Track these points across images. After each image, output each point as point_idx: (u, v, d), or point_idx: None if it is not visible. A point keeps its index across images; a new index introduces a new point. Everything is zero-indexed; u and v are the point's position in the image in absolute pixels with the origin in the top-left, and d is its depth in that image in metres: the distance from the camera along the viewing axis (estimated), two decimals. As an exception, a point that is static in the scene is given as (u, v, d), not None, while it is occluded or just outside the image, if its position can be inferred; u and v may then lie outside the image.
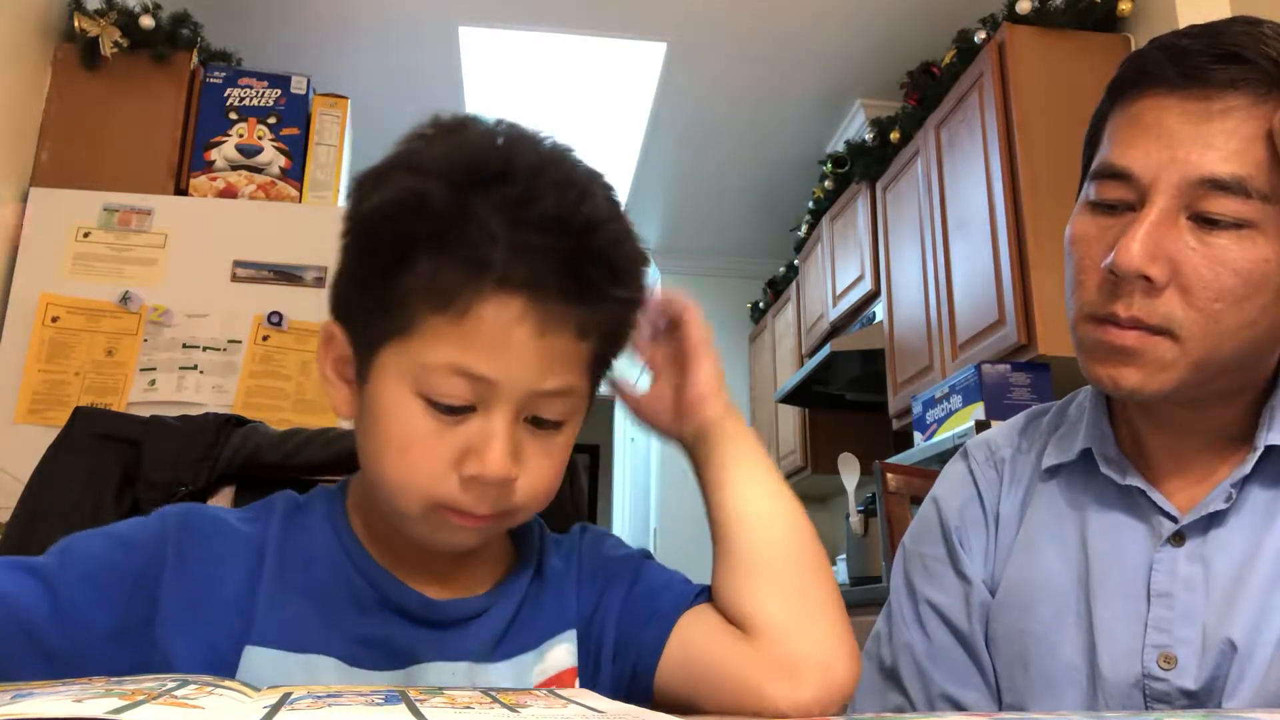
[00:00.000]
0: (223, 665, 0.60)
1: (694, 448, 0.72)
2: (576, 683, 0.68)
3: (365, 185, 0.62)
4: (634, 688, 0.66)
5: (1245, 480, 0.75)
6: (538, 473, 0.63)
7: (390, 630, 0.65)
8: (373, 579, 0.65)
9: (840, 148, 3.67)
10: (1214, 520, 0.75)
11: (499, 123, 0.64)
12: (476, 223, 0.58)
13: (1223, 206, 0.69)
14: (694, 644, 0.65)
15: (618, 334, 0.66)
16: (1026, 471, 0.87)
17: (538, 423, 0.62)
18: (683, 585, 0.71)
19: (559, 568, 0.72)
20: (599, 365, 0.66)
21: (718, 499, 0.69)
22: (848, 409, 3.86)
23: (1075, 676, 0.76)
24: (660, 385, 0.74)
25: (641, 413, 0.75)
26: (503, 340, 0.59)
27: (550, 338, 0.60)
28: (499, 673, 0.66)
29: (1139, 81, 0.74)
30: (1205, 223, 0.70)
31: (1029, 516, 0.85)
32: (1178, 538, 0.76)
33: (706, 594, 0.69)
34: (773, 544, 0.67)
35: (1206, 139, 0.70)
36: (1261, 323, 0.72)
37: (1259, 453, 0.75)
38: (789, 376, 3.96)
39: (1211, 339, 0.71)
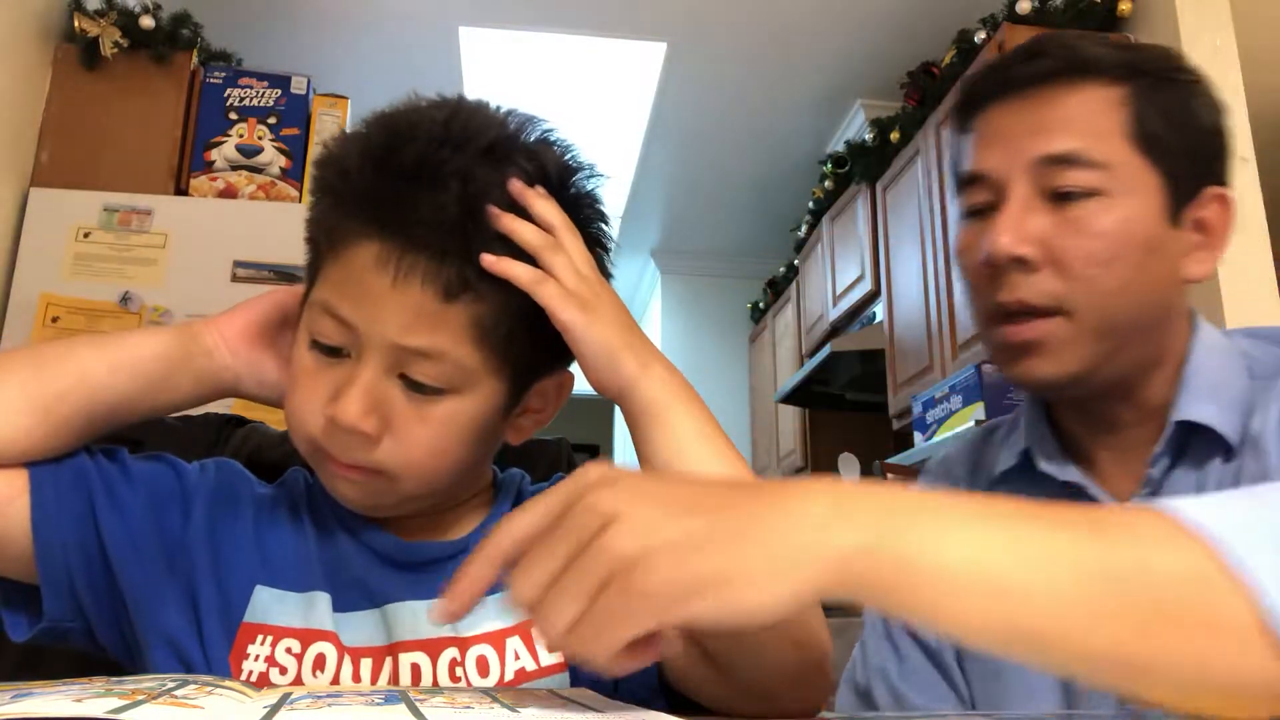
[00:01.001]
0: (235, 599, 0.65)
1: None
2: None
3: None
4: (641, 681, 0.64)
5: (1172, 465, 0.76)
6: (411, 438, 0.62)
7: (367, 574, 0.67)
8: (349, 525, 0.68)
9: (840, 148, 3.67)
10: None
11: (502, 109, 0.65)
12: (350, 165, 0.62)
13: (1071, 179, 0.75)
14: (673, 659, 0.63)
15: (507, 310, 0.61)
16: (981, 486, 0.87)
17: (415, 386, 0.61)
18: None
19: None
20: (500, 343, 0.62)
21: None
22: (848, 409, 3.86)
23: (1049, 680, 0.76)
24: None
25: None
26: (361, 284, 0.60)
27: (409, 290, 0.59)
28: (482, 607, 0.65)
29: (971, 104, 0.83)
30: (1061, 198, 0.76)
31: None
32: None
33: None
34: None
35: (1038, 126, 0.77)
36: (1139, 281, 0.75)
37: (1171, 428, 0.76)
38: (789, 376, 3.96)
39: (1097, 303, 0.74)
